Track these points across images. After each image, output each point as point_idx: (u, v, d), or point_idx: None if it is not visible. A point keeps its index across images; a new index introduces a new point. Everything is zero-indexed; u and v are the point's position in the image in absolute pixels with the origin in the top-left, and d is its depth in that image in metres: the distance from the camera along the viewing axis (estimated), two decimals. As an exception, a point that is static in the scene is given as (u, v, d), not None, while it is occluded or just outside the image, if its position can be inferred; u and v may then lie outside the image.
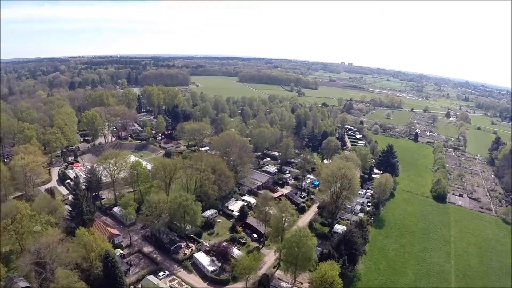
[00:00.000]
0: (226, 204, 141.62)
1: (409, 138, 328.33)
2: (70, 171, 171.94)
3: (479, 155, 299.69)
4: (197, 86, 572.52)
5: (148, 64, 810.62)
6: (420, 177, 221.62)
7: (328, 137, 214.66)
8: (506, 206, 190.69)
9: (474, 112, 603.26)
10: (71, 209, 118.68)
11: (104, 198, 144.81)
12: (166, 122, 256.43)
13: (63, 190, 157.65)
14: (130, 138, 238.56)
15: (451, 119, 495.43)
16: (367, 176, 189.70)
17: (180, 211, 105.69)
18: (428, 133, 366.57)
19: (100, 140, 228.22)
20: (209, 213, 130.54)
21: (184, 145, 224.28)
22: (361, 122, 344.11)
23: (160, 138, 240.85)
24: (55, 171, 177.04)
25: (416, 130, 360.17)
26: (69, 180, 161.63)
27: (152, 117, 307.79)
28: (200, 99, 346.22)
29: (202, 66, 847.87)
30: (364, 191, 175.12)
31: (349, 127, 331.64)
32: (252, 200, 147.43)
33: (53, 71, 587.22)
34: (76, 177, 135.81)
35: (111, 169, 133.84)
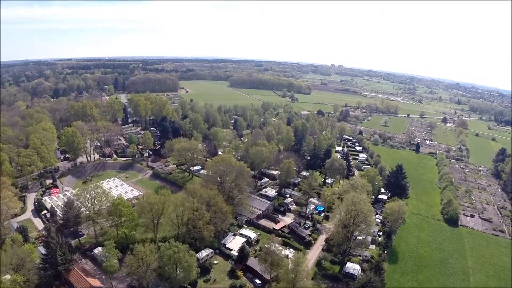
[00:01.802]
0: (223, 242, 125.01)
1: (410, 149, 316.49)
2: (47, 199, 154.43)
3: (482, 166, 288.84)
4: (187, 92, 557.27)
5: (136, 68, 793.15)
6: (428, 195, 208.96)
7: (332, 155, 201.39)
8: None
9: (469, 116, 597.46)
10: (45, 252, 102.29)
11: (84, 235, 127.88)
12: (154, 137, 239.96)
13: (39, 223, 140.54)
14: (114, 155, 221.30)
15: (448, 125, 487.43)
16: (373, 197, 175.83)
17: (171, 263, 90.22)
18: (428, 142, 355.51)
19: (82, 158, 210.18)
20: (204, 254, 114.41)
21: (173, 163, 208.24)
22: (360, 132, 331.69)
23: (147, 155, 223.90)
24: (31, 198, 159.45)
25: (417, 139, 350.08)
26: (45, 211, 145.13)
27: (139, 128, 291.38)
28: (190, 109, 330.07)
29: (191, 70, 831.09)
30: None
31: (348, 137, 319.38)
32: (252, 234, 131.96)
33: (38, 76, 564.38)
34: (52, 215, 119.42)
35: (90, 204, 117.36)
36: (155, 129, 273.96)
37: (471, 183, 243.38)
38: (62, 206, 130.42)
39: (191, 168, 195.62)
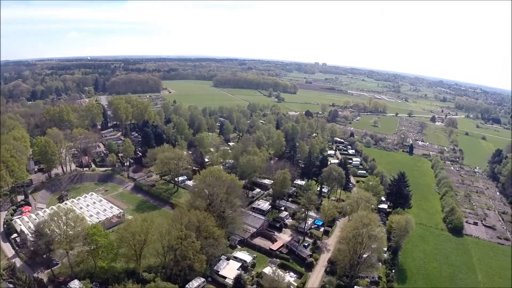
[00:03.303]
0: (215, 268, 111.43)
1: (403, 151, 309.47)
2: (18, 220, 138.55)
3: (478, 168, 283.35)
4: (170, 92, 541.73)
5: (117, 68, 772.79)
6: (428, 202, 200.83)
7: (328, 163, 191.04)
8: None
9: (456, 114, 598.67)
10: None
11: (58, 263, 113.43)
12: (135, 143, 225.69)
13: (8, 249, 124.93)
14: (93, 165, 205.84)
15: (438, 123, 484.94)
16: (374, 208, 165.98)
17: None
18: (420, 143, 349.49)
19: (58, 170, 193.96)
20: (195, 284, 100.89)
21: (157, 173, 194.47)
22: (352, 134, 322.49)
23: (128, 164, 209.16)
24: (0, 218, 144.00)
25: (409, 140, 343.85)
26: (15, 235, 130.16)
27: (119, 133, 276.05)
28: (173, 112, 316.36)
29: (174, 69, 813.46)
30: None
31: (339, 139, 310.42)
32: (247, 257, 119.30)
33: (16, 78, 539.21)
34: (22, 240, 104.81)
35: (62, 231, 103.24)
36: (137, 134, 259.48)
37: (468, 187, 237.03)
38: (33, 230, 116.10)
39: (176, 178, 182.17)
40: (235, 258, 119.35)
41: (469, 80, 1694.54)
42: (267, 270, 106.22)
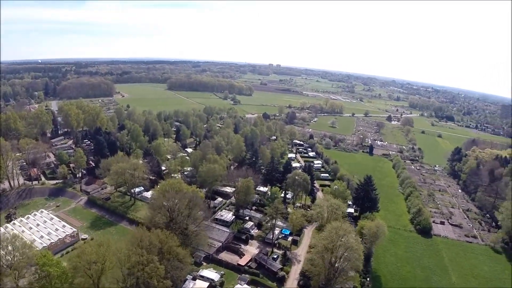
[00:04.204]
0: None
1: (363, 151, 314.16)
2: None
3: (437, 166, 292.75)
4: (123, 96, 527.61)
5: (69, 71, 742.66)
6: (393, 203, 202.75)
7: (293, 169, 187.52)
8: (489, 231, 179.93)
9: (411, 113, 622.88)
10: None
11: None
12: (87, 153, 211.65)
13: None
14: (43, 178, 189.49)
15: (394, 122, 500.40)
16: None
17: None
18: (379, 143, 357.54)
19: (4, 185, 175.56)
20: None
21: (111, 185, 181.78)
22: (311, 136, 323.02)
23: (80, 175, 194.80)
24: None
25: (367, 140, 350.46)
26: None
27: (70, 141, 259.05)
28: (127, 118, 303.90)
29: (127, 72, 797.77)
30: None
31: (299, 142, 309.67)
32: (214, 275, 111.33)
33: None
34: None
35: (8, 263, 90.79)
36: (89, 142, 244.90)
37: (431, 185, 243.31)
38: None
39: (132, 190, 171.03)
40: (202, 277, 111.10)
41: (420, 80, 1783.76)
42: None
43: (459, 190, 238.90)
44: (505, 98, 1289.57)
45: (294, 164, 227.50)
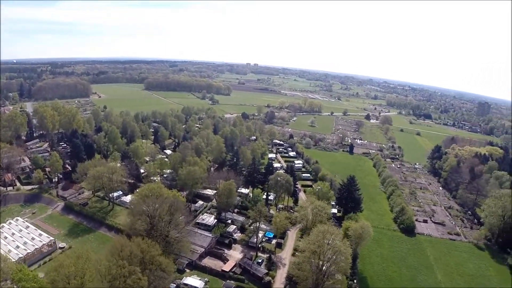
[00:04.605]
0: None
1: (343, 150, 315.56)
2: None
3: (418, 163, 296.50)
4: (100, 97, 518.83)
5: (44, 72, 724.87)
6: (375, 202, 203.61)
7: (275, 170, 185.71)
8: (471, 228, 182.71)
9: (389, 111, 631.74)
10: None
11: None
12: (64, 156, 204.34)
13: None
14: (18, 183, 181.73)
15: (373, 121, 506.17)
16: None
17: None
18: (358, 141, 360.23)
19: None
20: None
21: (89, 190, 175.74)
22: (291, 136, 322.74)
23: (56, 180, 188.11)
24: None
25: (347, 139, 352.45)
26: None
27: (46, 144, 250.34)
28: (104, 119, 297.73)
29: (104, 72, 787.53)
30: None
31: (279, 142, 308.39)
32: (198, 283, 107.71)
33: None
34: None
35: None
36: (65, 145, 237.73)
37: (412, 183, 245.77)
38: None
39: (110, 195, 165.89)
40: (186, 286, 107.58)
41: (397, 78, 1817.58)
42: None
43: (440, 188, 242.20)
44: (481, 96, 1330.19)
45: (275, 165, 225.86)
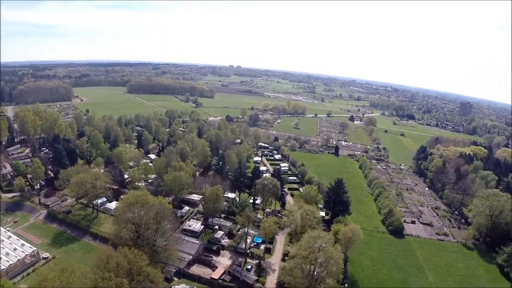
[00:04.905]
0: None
1: (329, 152, 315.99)
2: None
3: (403, 165, 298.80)
4: (82, 100, 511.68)
5: (26, 75, 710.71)
6: (363, 204, 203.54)
7: (262, 174, 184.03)
8: (459, 228, 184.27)
9: (372, 112, 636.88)
10: None
11: None
12: (46, 162, 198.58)
13: None
14: None
15: (357, 122, 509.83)
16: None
17: None
18: (343, 143, 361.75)
19: None
20: None
21: (72, 197, 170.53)
22: (276, 138, 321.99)
23: (39, 187, 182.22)
24: None
25: (332, 141, 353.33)
26: None
27: (28, 150, 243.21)
28: (86, 123, 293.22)
29: (86, 75, 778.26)
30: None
31: (264, 144, 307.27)
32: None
33: None
34: None
35: None
36: (47, 150, 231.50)
37: (398, 184, 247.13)
38: None
39: (94, 201, 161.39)
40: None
41: (379, 79, 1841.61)
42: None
43: (426, 188, 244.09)
44: (462, 96, 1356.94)
45: (262, 168, 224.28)
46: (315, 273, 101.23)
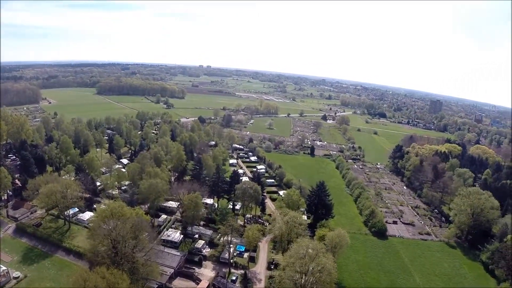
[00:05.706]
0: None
1: (304, 153, 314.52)
2: None
3: (379, 163, 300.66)
4: (50, 103, 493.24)
5: None
6: (343, 205, 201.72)
7: (240, 177, 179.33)
8: (440, 226, 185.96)
9: (344, 111, 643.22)
10: None
11: None
12: (13, 171, 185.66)
13: None
14: None
15: (329, 121, 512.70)
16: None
17: None
18: (318, 143, 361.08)
19: None
20: None
21: (42, 208, 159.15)
22: (250, 140, 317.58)
23: (6, 198, 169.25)
24: None
25: (307, 141, 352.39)
26: None
27: None
28: (55, 127, 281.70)
29: (54, 76, 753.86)
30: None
31: (238, 146, 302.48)
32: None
33: None
34: None
35: None
36: (14, 157, 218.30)
37: (376, 184, 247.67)
38: None
39: (66, 213, 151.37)
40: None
41: (349, 78, 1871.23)
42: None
43: (404, 187, 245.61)
44: (430, 93, 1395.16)
45: (240, 171, 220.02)
46: (307, 284, 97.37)
